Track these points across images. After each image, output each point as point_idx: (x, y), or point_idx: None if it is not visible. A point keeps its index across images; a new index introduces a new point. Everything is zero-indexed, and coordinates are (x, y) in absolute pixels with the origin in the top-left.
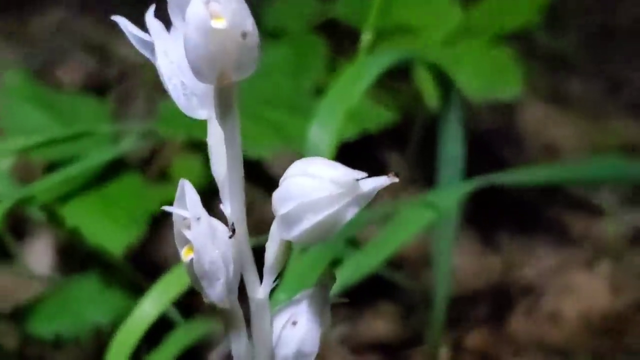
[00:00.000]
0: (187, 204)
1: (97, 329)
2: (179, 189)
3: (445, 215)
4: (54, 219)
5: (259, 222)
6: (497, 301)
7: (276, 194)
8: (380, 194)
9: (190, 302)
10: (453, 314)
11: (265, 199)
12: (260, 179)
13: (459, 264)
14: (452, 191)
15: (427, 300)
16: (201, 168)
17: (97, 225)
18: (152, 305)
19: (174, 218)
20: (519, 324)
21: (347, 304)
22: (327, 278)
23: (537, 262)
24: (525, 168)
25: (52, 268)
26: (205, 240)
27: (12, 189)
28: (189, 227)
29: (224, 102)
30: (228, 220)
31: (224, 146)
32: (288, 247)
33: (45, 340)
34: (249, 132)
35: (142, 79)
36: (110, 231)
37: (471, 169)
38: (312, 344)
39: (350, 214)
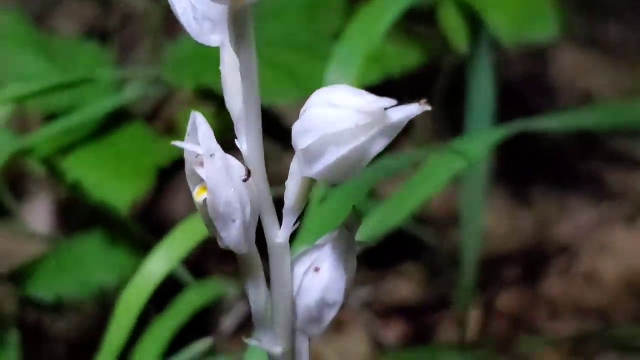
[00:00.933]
0: (199, 138)
1: (101, 292)
2: (190, 122)
3: (474, 165)
4: (54, 173)
5: (275, 176)
6: (531, 261)
7: (296, 127)
8: (402, 148)
9: (203, 263)
10: (483, 275)
11: (281, 152)
12: (275, 131)
13: (490, 221)
14: (481, 138)
15: (455, 261)
16: (213, 120)
17: (101, 179)
18: (160, 263)
19: (186, 155)
20: (554, 285)
21: (369, 265)
22: (353, 220)
23: (573, 219)
24: (559, 113)
25: (53, 227)
26: (220, 178)
27: (9, 141)
28: (202, 165)
29: (239, 26)
30: (244, 159)
31: (239, 75)
32: (309, 186)
33: (45, 303)
34: (261, 79)
35: (147, 26)
36: (114, 185)
37: (502, 120)
38: (337, 293)
39: (378, 147)
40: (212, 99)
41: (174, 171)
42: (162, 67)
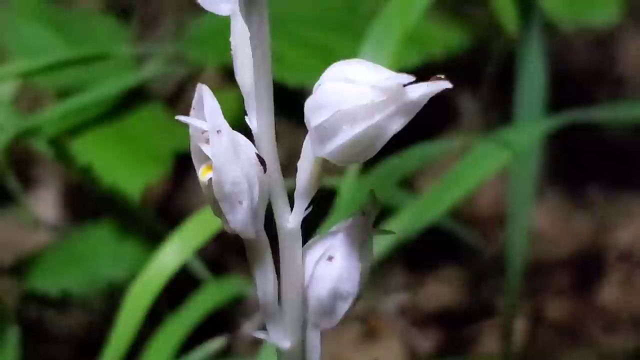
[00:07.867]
0: (205, 113)
1: (109, 287)
2: (196, 95)
3: (522, 157)
4: (62, 156)
5: None
6: (586, 268)
7: (309, 102)
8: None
9: (223, 260)
10: (532, 280)
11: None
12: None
13: (541, 222)
14: (529, 128)
15: (501, 265)
16: (239, 103)
17: (113, 162)
18: (173, 255)
19: (191, 131)
20: (611, 294)
21: (405, 268)
22: (369, 205)
23: (635, 221)
24: (620, 103)
25: (60, 216)
26: (226, 156)
27: (15, 119)
28: (207, 142)
29: None
30: (254, 136)
31: (250, 47)
32: (322, 167)
33: (49, 298)
34: (289, 58)
35: (170, 3)
36: (127, 170)
37: (558, 112)
38: (351, 283)
39: (395, 126)
40: None
41: None
42: (183, 44)
